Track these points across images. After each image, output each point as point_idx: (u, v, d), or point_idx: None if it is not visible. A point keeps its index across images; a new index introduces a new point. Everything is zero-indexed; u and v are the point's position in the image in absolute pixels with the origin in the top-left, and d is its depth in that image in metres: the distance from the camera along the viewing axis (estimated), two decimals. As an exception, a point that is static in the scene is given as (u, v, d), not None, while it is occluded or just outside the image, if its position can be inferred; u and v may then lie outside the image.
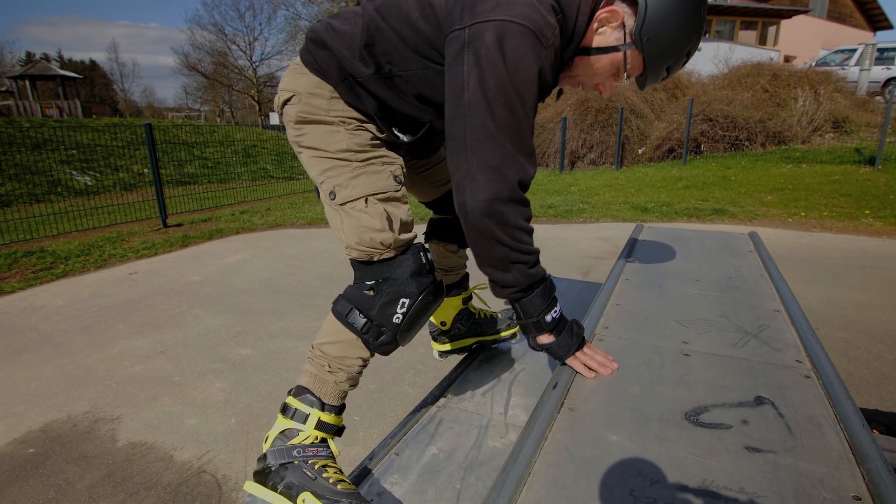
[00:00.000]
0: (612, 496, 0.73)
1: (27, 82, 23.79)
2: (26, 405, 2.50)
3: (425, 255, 1.09)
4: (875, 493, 0.70)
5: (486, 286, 1.63)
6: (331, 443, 1.06)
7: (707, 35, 17.01)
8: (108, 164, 10.64)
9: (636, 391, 0.99)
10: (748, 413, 0.90)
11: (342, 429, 1.09)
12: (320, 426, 1.04)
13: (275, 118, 28.29)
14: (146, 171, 10.23)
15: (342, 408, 1.10)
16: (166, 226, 6.57)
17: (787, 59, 18.91)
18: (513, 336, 1.63)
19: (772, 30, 19.48)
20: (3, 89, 25.78)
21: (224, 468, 2.02)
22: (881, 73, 12.55)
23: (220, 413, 2.40)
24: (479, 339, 1.59)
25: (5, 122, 11.60)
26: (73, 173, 9.86)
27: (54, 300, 4.01)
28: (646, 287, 1.55)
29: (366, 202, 1.03)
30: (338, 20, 1.06)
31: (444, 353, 1.59)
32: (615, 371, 1.06)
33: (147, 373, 2.79)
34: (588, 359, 1.07)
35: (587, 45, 1.02)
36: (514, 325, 1.62)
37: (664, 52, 0.99)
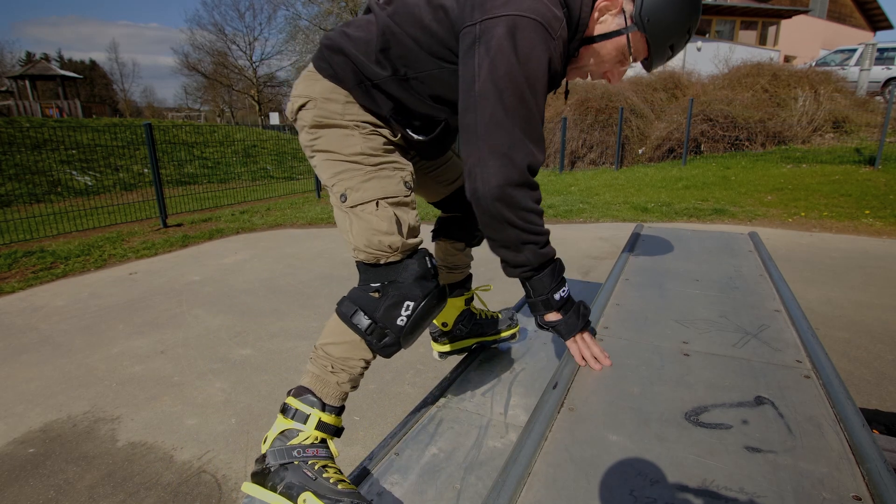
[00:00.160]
0: (612, 496, 0.73)
1: (27, 82, 23.79)
2: (26, 405, 2.50)
3: (430, 261, 1.11)
4: (875, 493, 0.70)
5: (488, 288, 1.64)
6: (330, 444, 1.06)
7: (707, 35, 17.00)
8: (108, 164, 10.64)
9: (636, 391, 0.99)
10: (748, 413, 0.90)
11: (341, 430, 1.10)
12: (321, 427, 1.04)
13: (275, 118, 28.30)
14: (146, 171, 10.23)
15: (342, 409, 1.10)
16: (166, 226, 6.57)
17: (787, 59, 18.91)
18: (513, 336, 1.63)
19: (772, 30, 19.47)
20: (3, 89, 25.79)
21: (224, 468, 2.02)
22: (881, 73, 12.55)
23: (220, 413, 2.40)
24: (480, 340, 1.60)
25: (5, 122, 11.60)
26: (73, 173, 9.86)
27: (54, 300, 4.01)
28: (646, 287, 1.55)
29: (377, 206, 1.05)
30: (351, 28, 1.09)
31: (444, 354, 1.60)
32: (615, 371, 1.07)
33: (147, 373, 2.79)
34: (585, 348, 1.11)
35: (590, 34, 1.07)
36: (515, 325, 1.63)
37: (666, 31, 1.03)
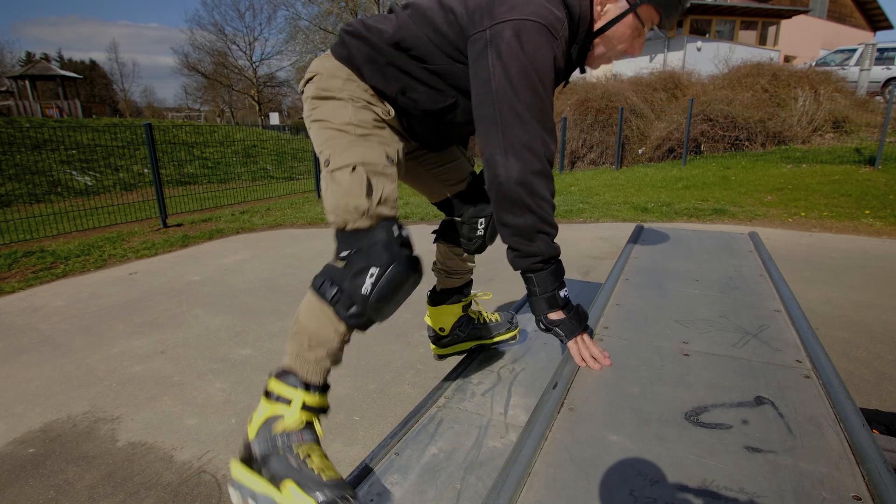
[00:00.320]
0: (612, 496, 0.73)
1: (27, 82, 23.78)
2: (26, 405, 2.50)
3: (399, 229, 1.08)
4: (875, 493, 0.70)
5: (487, 295, 1.64)
6: (316, 424, 1.06)
7: (707, 35, 17.00)
8: (108, 164, 10.65)
9: (636, 391, 0.99)
10: (748, 413, 0.90)
11: (327, 408, 1.09)
12: (305, 408, 1.03)
13: (275, 118, 28.28)
14: (146, 171, 10.24)
15: (326, 387, 1.09)
16: (166, 226, 6.57)
17: (787, 59, 18.90)
18: (513, 338, 1.63)
19: (772, 30, 19.46)
20: (3, 89, 25.78)
21: (224, 468, 2.02)
22: (881, 73, 12.54)
23: (220, 413, 2.40)
24: (478, 343, 1.60)
25: (5, 122, 11.61)
26: (73, 173, 9.86)
27: (54, 300, 4.01)
28: (646, 287, 1.55)
29: (353, 170, 1.07)
30: (371, 20, 1.17)
31: (443, 356, 1.60)
32: (615, 371, 1.07)
33: (147, 373, 2.79)
34: (585, 349, 1.12)
35: (598, 25, 1.14)
36: (515, 327, 1.63)
37: None
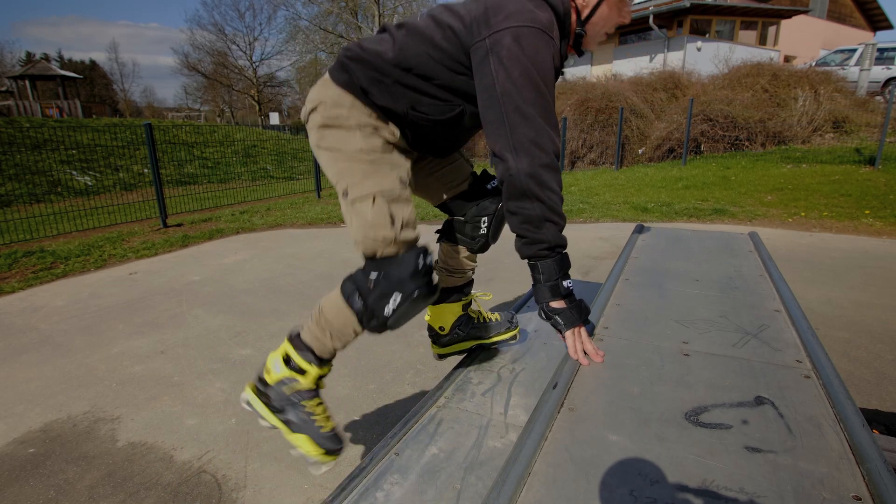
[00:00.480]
0: (612, 496, 0.73)
1: (27, 82, 23.78)
2: (26, 405, 2.50)
3: (425, 258, 1.19)
4: (875, 493, 0.70)
5: (487, 295, 1.64)
6: (320, 383, 1.28)
7: (707, 35, 16.99)
8: (108, 164, 10.65)
9: (636, 391, 0.99)
10: (748, 413, 0.90)
11: (329, 372, 1.31)
12: (317, 378, 1.26)
13: (275, 118, 28.32)
14: (146, 171, 10.24)
15: (333, 357, 1.30)
16: (166, 226, 6.57)
17: (787, 59, 18.90)
18: (513, 338, 1.63)
19: (772, 30, 19.44)
20: (3, 89, 25.78)
21: (224, 468, 2.02)
22: (881, 73, 12.54)
23: (220, 413, 2.40)
24: (478, 342, 1.60)
25: (5, 122, 11.61)
26: (73, 173, 9.86)
27: (54, 300, 4.01)
28: (646, 287, 1.55)
29: (373, 201, 1.15)
30: (368, 42, 1.21)
31: (443, 356, 1.60)
32: (615, 371, 1.07)
33: (147, 373, 2.79)
34: (580, 343, 1.17)
35: (584, 15, 1.22)
36: (514, 327, 1.63)
37: None
